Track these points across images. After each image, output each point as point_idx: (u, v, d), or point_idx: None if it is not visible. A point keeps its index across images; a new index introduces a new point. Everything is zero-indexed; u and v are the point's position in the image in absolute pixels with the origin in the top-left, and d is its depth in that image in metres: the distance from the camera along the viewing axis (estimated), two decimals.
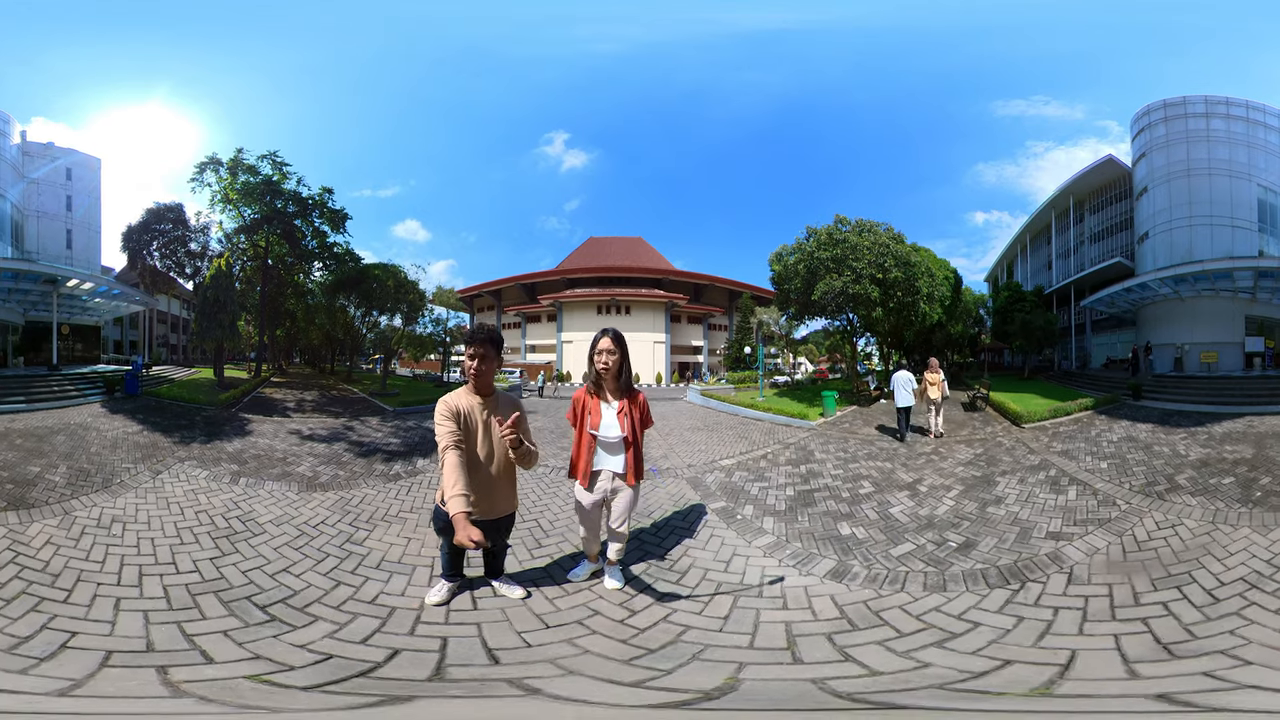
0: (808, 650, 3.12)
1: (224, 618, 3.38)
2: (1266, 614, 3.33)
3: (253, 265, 27.81)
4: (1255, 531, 4.79)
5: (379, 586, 3.91)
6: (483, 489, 3.41)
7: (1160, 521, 5.27)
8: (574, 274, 57.60)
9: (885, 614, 3.61)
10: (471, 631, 3.23)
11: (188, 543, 4.72)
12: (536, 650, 3.04)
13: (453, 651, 3.00)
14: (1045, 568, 4.32)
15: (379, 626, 3.29)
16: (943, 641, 3.23)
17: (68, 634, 3.08)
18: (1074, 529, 5.22)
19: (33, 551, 4.36)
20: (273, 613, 3.47)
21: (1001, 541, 5.00)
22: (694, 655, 3.02)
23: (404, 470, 8.03)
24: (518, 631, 3.25)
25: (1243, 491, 6.12)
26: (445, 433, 3.21)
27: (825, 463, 8.94)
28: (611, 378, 3.74)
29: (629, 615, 3.52)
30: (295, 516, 5.61)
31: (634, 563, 4.47)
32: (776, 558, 4.73)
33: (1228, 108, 27.54)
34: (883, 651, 3.11)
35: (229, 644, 3.05)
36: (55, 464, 7.40)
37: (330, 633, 3.21)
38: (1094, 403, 15.13)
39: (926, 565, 4.50)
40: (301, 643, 3.08)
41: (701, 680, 2.75)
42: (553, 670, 2.82)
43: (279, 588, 3.87)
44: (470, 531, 2.66)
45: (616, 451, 3.68)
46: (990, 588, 4.00)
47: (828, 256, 19.72)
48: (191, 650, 2.97)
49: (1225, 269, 21.87)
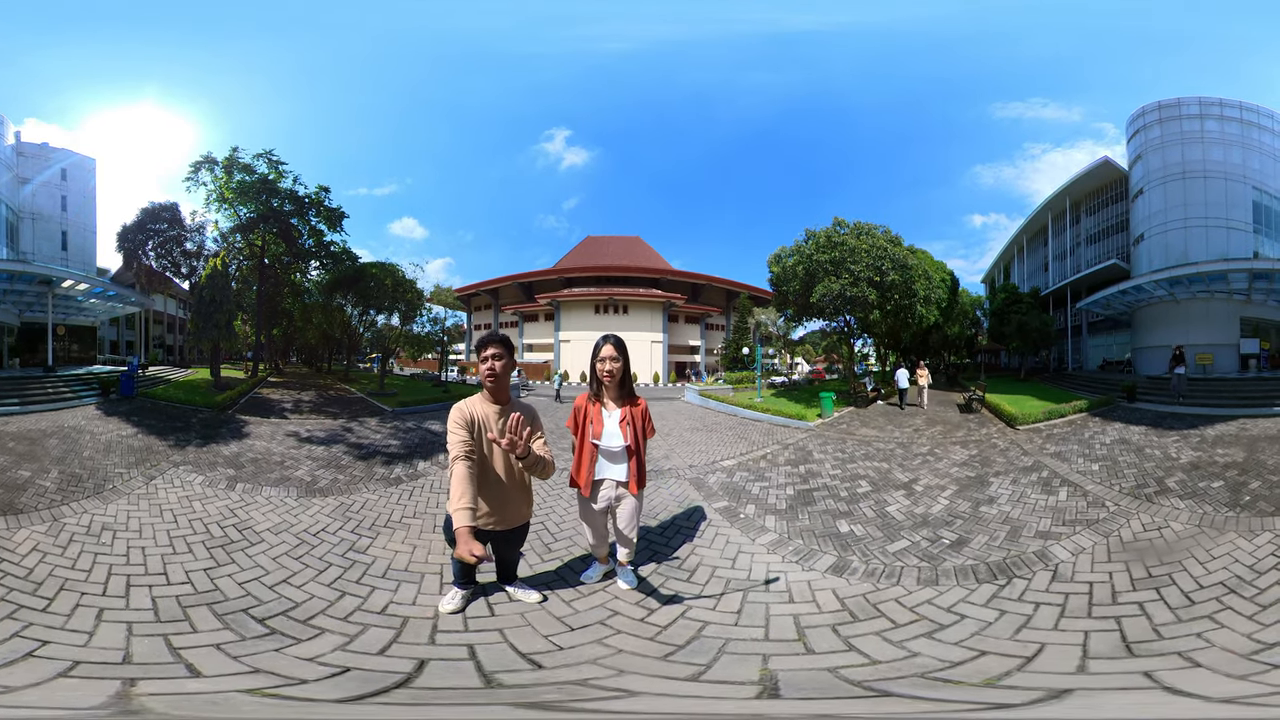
0: (816, 641, 3.28)
1: (217, 631, 3.28)
2: (1239, 619, 3.38)
3: (249, 264, 27.73)
4: (1241, 536, 4.84)
5: (387, 596, 3.82)
6: (496, 499, 3.39)
7: (1147, 524, 5.36)
8: (572, 273, 57.59)
9: (882, 606, 3.79)
10: (495, 638, 3.19)
11: (180, 552, 4.61)
12: (570, 653, 3.06)
13: (486, 658, 2.96)
14: (1032, 565, 4.48)
15: (395, 637, 3.22)
16: (931, 633, 3.40)
17: (37, 643, 3.02)
18: (1062, 529, 5.35)
19: (17, 559, 4.28)
20: (272, 625, 3.38)
21: (992, 539, 5.15)
22: (720, 649, 3.12)
23: (405, 474, 7.96)
24: (543, 635, 3.25)
25: (1231, 495, 6.16)
26: (457, 441, 3.15)
27: (824, 463, 9.06)
28: (614, 385, 3.74)
29: (647, 614, 3.59)
30: (294, 524, 5.50)
31: (643, 563, 4.54)
32: (779, 554, 4.88)
33: (1222, 109, 27.60)
34: (880, 641, 3.29)
35: (221, 657, 2.96)
36: (47, 468, 7.32)
37: (341, 645, 3.13)
38: (1088, 404, 15.19)
39: (921, 561, 4.68)
40: (309, 655, 3.00)
41: (741, 672, 2.88)
42: (602, 670, 2.85)
43: (278, 599, 3.76)
44: (472, 546, 2.65)
45: (619, 460, 3.68)
46: (979, 582, 4.18)
47: (826, 259, 19.77)
48: (174, 664, 2.88)
49: (1220, 271, 21.92)
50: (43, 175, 34.23)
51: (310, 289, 30.80)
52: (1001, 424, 13.49)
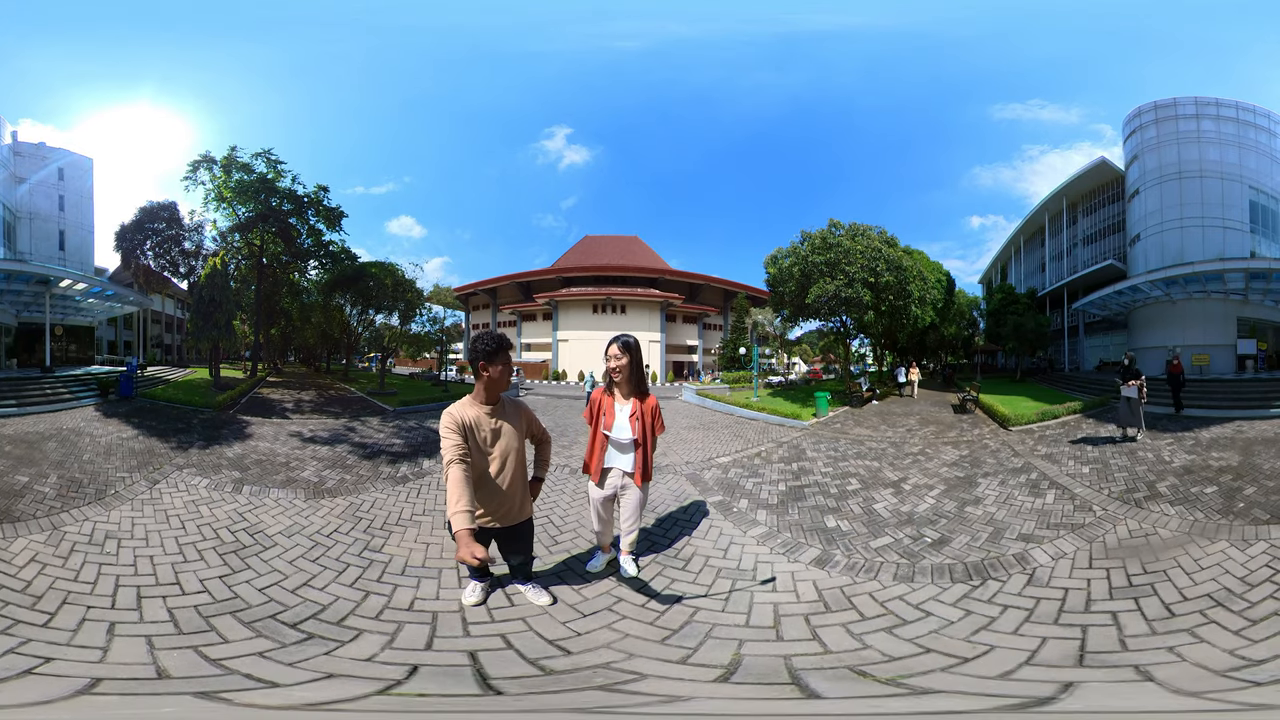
0: (788, 629, 3.49)
1: (251, 639, 3.19)
2: (1223, 634, 3.21)
3: (248, 264, 27.74)
4: (1233, 545, 4.66)
5: (411, 593, 3.90)
6: (495, 498, 3.46)
7: (1134, 530, 5.23)
8: (569, 273, 57.58)
9: (856, 599, 3.93)
10: (522, 627, 3.43)
11: (192, 560, 4.46)
12: (588, 638, 3.33)
13: (522, 647, 3.18)
14: (1010, 567, 4.46)
15: (433, 632, 3.34)
16: (893, 627, 3.51)
17: (39, 660, 2.86)
18: (1046, 532, 5.28)
19: (14, 570, 4.09)
20: (308, 630, 3.33)
21: (973, 540, 5.16)
22: (707, 634, 3.39)
23: (411, 472, 7.97)
24: (562, 623, 3.51)
25: (1224, 502, 5.98)
26: (450, 446, 3.17)
27: (816, 461, 9.18)
28: (624, 381, 4.00)
29: (648, 600, 3.87)
30: (306, 526, 5.45)
31: (643, 554, 4.72)
32: (768, 546, 5.07)
33: (1218, 109, 27.66)
34: (842, 633, 3.44)
35: (275, 665, 2.90)
36: (45, 473, 7.11)
37: (386, 644, 3.17)
38: (1083, 406, 15.25)
39: (900, 557, 4.78)
40: (364, 656, 3.02)
41: (719, 656, 3.13)
42: (617, 654, 3.13)
43: (304, 603, 3.71)
44: (473, 549, 2.67)
45: (626, 451, 3.97)
46: (953, 582, 4.24)
47: (821, 260, 19.86)
48: (227, 675, 2.76)
49: (1216, 271, 21.99)
50: (39, 174, 34.16)
51: (309, 288, 30.80)
52: (995, 425, 13.56)
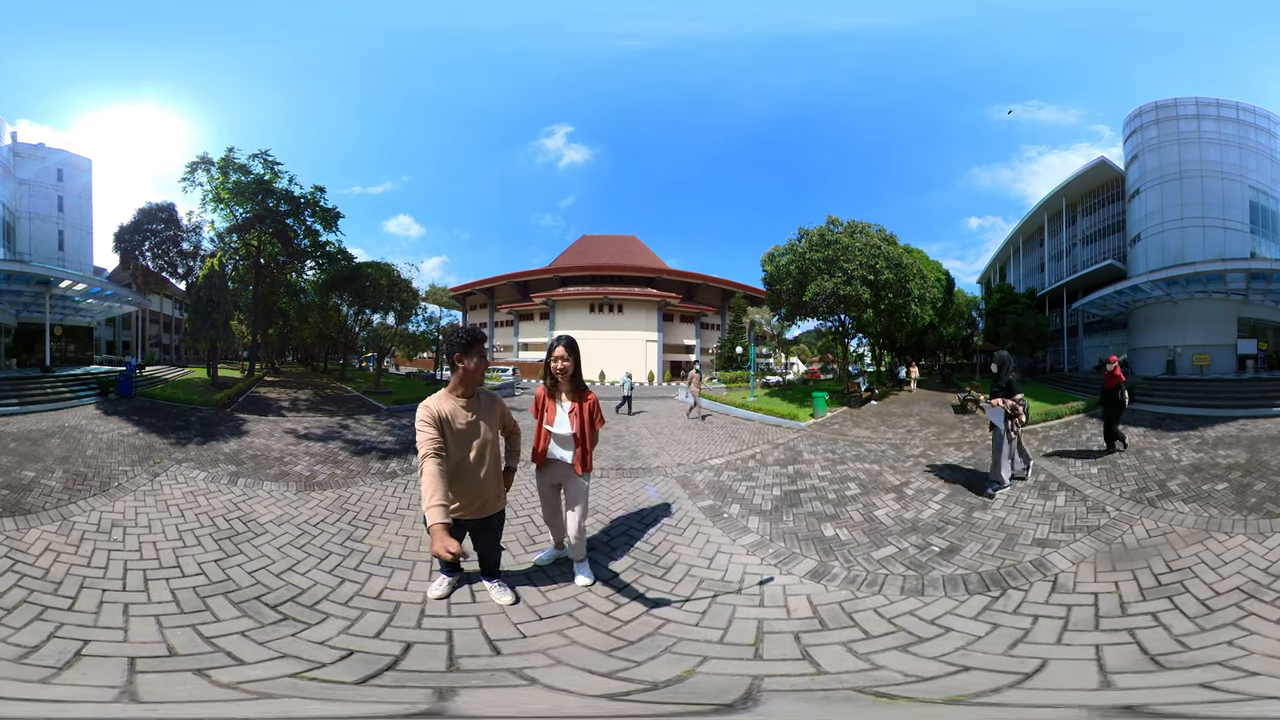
0: (770, 648, 3.20)
1: (238, 619, 3.42)
2: (1268, 624, 3.23)
3: (245, 264, 27.66)
4: (1251, 539, 4.71)
5: (382, 582, 4.04)
6: (471, 490, 3.47)
7: (1151, 529, 5.18)
8: (567, 272, 57.55)
9: (858, 616, 3.63)
10: (473, 624, 3.41)
11: (190, 545, 4.73)
12: (529, 641, 3.24)
13: (459, 643, 3.18)
14: (1029, 575, 4.21)
15: (388, 621, 3.42)
16: (908, 645, 3.22)
17: (80, 642, 3.05)
18: (1061, 536, 5.13)
19: (31, 559, 4.31)
20: (284, 611, 3.54)
21: (985, 547, 4.92)
22: (666, 648, 3.17)
23: (400, 468, 8.07)
24: (514, 623, 3.45)
25: (1237, 498, 6.06)
26: (425, 440, 3.19)
27: (813, 464, 8.92)
28: (566, 380, 4.07)
29: (615, 608, 3.70)
30: (295, 516, 5.67)
31: (620, 557, 4.61)
32: (759, 556, 4.76)
33: (1218, 109, 27.72)
34: (843, 652, 3.15)
35: (250, 644, 3.10)
36: (51, 468, 7.33)
37: (344, 629, 3.32)
38: (1085, 406, 15.22)
39: (907, 569, 4.46)
40: (320, 639, 3.18)
41: (662, 672, 2.90)
42: (544, 660, 3.02)
43: (286, 587, 3.94)
44: (447, 543, 2.66)
45: (567, 446, 4.08)
46: (970, 594, 3.95)
47: (819, 258, 19.75)
48: (215, 653, 2.99)
49: (1217, 271, 22.02)
50: (38, 174, 34.05)
51: (306, 289, 30.73)
52: None
